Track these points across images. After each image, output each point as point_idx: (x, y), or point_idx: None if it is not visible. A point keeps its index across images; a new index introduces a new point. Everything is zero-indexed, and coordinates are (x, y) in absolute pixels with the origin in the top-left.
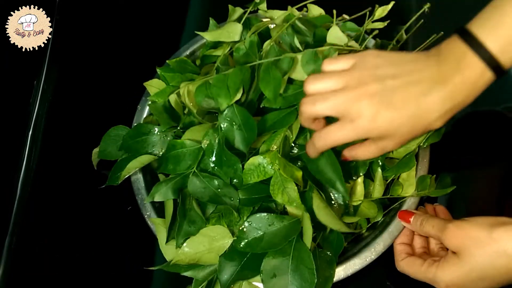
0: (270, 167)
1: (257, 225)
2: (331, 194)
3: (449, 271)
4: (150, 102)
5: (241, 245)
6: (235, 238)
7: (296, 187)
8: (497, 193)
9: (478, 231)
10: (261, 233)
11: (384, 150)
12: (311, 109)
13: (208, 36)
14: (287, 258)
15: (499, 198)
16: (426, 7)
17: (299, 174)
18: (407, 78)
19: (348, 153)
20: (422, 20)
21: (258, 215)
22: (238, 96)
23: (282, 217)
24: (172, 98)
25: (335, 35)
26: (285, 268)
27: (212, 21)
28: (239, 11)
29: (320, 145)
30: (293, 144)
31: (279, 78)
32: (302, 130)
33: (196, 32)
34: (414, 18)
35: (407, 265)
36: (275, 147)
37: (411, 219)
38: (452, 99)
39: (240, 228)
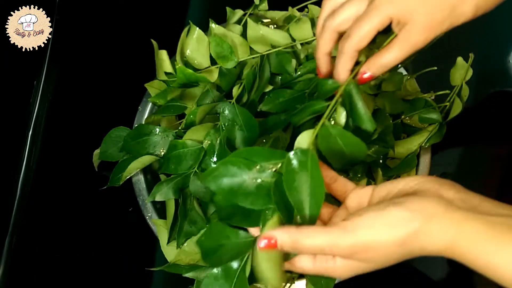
0: None
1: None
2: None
3: (349, 270)
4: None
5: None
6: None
7: None
8: (497, 191)
9: (385, 246)
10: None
11: (414, 44)
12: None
13: None
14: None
15: (499, 197)
16: None
17: None
18: None
19: (369, 65)
20: None
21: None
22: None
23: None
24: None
25: None
26: None
27: (211, 23)
28: (238, 13)
29: (348, 43)
30: None
31: None
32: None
33: None
34: None
35: (304, 262)
36: None
37: (278, 242)
38: None
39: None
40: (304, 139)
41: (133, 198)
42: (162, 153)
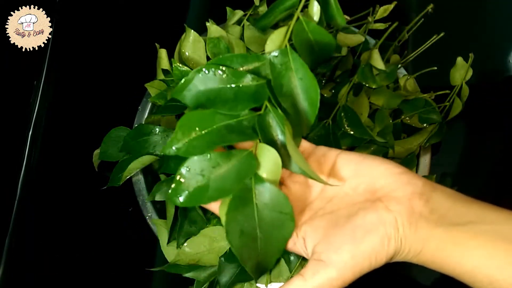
0: None
1: (198, 169)
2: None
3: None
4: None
5: (181, 200)
6: (171, 190)
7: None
8: (497, 191)
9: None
10: (205, 180)
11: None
12: None
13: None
14: (250, 205)
15: (499, 196)
16: (429, 7)
17: None
18: None
19: None
20: (423, 20)
21: (196, 157)
22: None
23: (228, 154)
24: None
25: None
26: (252, 219)
27: (209, 24)
28: (239, 13)
29: None
30: None
31: None
32: None
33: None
34: (417, 18)
35: None
36: None
37: None
38: None
39: (177, 178)
40: (277, 37)
41: (133, 198)
42: (162, 153)
